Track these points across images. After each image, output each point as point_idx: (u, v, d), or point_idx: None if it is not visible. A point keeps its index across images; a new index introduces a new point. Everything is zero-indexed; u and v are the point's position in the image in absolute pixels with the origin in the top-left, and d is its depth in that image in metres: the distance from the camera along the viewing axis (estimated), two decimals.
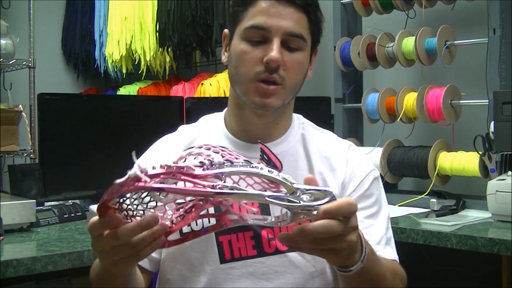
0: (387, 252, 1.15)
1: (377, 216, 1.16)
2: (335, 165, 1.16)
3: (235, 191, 0.77)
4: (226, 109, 1.22)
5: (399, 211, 2.03)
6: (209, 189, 0.76)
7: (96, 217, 0.80)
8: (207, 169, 0.79)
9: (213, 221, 0.95)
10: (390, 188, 2.31)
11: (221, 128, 1.20)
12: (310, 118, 1.28)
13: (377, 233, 1.15)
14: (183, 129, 1.25)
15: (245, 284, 1.10)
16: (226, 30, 1.18)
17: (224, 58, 1.18)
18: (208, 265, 1.11)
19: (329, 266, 1.12)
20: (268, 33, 1.07)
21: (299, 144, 1.19)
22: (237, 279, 1.10)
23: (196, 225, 1.08)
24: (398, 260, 1.17)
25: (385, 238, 1.16)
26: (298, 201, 0.80)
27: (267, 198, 0.79)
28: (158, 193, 0.79)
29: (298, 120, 1.23)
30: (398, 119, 2.26)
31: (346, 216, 0.82)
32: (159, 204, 0.82)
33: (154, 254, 1.13)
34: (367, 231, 1.10)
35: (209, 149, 0.84)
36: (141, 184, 0.73)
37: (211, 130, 1.21)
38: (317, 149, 1.18)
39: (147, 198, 0.82)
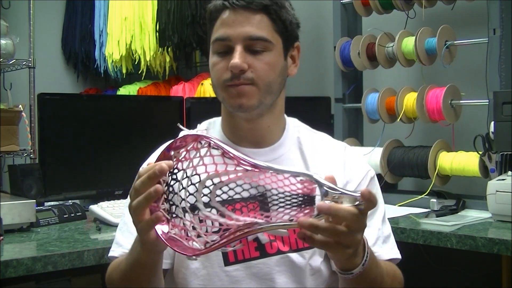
0: (384, 251, 1.18)
1: (374, 216, 1.17)
2: (332, 168, 1.17)
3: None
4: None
5: (399, 211, 2.03)
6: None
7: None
8: None
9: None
10: (390, 188, 2.31)
11: (219, 133, 1.21)
12: (310, 118, 1.28)
13: (374, 233, 1.16)
14: None
15: (251, 285, 1.13)
16: None
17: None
18: (212, 268, 1.13)
19: (324, 265, 1.16)
20: (230, 43, 1.11)
21: (295, 147, 1.21)
22: (242, 281, 1.13)
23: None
24: (398, 257, 1.20)
25: (382, 237, 1.18)
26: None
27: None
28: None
29: (293, 123, 1.25)
30: (398, 119, 2.26)
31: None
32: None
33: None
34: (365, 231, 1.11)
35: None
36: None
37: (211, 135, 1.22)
38: (313, 151, 1.20)
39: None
